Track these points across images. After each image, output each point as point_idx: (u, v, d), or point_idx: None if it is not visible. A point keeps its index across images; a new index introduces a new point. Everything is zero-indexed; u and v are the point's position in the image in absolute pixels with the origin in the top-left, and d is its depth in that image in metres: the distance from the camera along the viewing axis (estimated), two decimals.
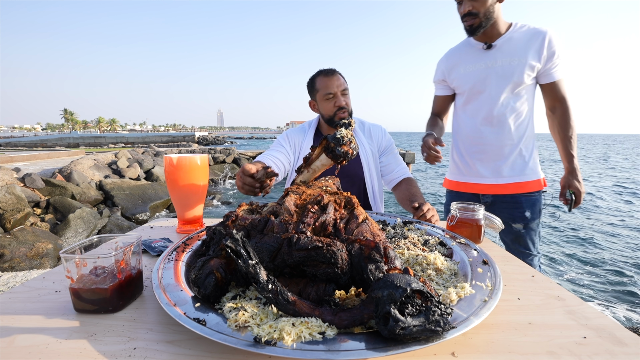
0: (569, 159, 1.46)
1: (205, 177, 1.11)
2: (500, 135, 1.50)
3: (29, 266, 4.62)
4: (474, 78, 1.52)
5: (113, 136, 45.96)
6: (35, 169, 9.15)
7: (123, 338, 0.50)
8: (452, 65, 1.59)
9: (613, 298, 4.03)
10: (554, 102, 1.48)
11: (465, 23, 1.44)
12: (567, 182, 1.47)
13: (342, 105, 1.48)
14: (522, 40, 1.43)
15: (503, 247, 1.47)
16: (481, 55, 1.50)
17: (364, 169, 1.56)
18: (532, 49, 1.41)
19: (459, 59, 1.57)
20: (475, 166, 1.58)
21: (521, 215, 1.51)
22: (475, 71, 1.51)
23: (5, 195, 5.80)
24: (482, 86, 1.50)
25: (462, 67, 1.55)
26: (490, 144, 1.52)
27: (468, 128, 1.58)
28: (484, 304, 0.53)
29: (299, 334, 0.45)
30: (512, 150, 1.50)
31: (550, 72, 1.43)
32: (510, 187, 1.52)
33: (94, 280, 0.57)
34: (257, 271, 0.49)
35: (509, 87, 1.45)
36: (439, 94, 1.72)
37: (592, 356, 0.46)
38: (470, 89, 1.54)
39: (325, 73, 1.51)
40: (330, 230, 0.64)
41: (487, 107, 1.50)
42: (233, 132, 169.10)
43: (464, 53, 1.56)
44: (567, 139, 1.46)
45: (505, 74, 1.45)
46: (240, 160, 16.26)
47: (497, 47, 1.46)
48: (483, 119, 1.52)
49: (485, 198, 1.59)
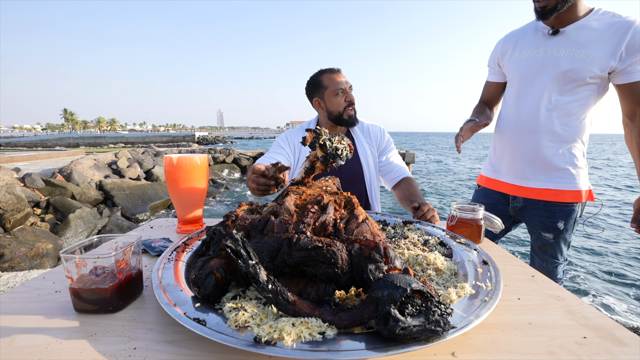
0: None
1: (205, 177, 1.11)
2: (541, 135, 1.32)
3: (29, 266, 4.62)
4: (527, 65, 1.33)
5: (113, 136, 45.98)
6: (35, 169, 9.16)
7: (123, 338, 0.50)
8: (508, 48, 1.41)
9: (613, 298, 4.03)
10: (634, 108, 1.23)
11: (537, 3, 1.24)
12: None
13: (352, 99, 1.52)
14: (599, 31, 1.20)
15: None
16: (544, 40, 1.29)
17: (363, 169, 1.56)
18: (607, 43, 1.18)
19: (518, 42, 1.38)
20: (508, 164, 1.43)
21: (553, 225, 1.36)
22: (531, 58, 1.32)
23: (5, 195, 5.80)
24: (534, 76, 1.31)
25: (518, 52, 1.37)
26: (529, 142, 1.35)
27: (509, 121, 1.41)
28: (484, 304, 0.53)
29: (299, 334, 0.45)
30: (553, 153, 1.32)
31: (632, 70, 1.18)
32: (543, 193, 1.36)
33: (94, 280, 0.57)
34: (257, 271, 0.49)
35: (566, 82, 1.25)
36: (491, 79, 1.55)
37: (592, 356, 0.46)
38: (520, 77, 1.36)
39: (332, 71, 1.54)
40: (330, 230, 0.64)
41: (534, 100, 1.32)
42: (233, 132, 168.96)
43: (524, 36, 1.37)
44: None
45: (564, 66, 1.24)
46: (240, 160, 16.26)
47: (564, 35, 1.24)
48: (527, 113, 1.34)
49: (515, 202, 1.44)
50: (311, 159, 0.91)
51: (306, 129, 0.88)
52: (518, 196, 1.43)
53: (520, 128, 1.37)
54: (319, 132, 0.87)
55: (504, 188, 1.47)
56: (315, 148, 0.87)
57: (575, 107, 1.28)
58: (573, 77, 1.24)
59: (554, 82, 1.27)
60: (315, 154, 0.89)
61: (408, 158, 14.88)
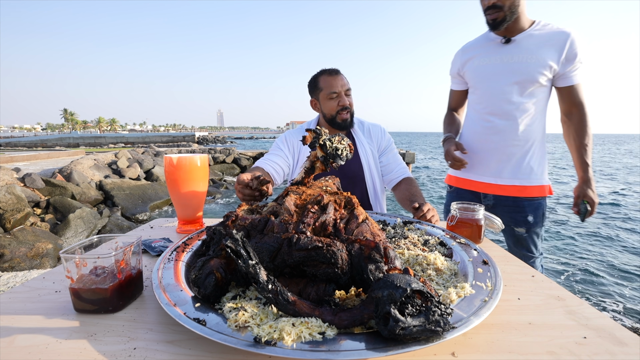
0: (584, 168, 1.40)
1: (205, 177, 1.11)
2: (507, 135, 1.45)
3: (29, 266, 4.62)
4: (487, 72, 1.47)
5: (113, 136, 45.98)
6: (35, 169, 9.16)
7: (123, 338, 0.50)
8: (468, 59, 1.55)
9: (613, 298, 4.03)
10: (571, 107, 1.42)
11: (488, 16, 1.39)
12: (582, 192, 1.40)
13: (345, 104, 1.49)
14: (542, 38, 1.37)
15: (503, 247, 1.48)
16: (498, 49, 1.44)
17: (364, 169, 1.56)
18: (551, 49, 1.36)
19: (475, 52, 1.52)
20: (478, 163, 1.54)
21: (524, 220, 1.47)
22: (489, 65, 1.46)
23: (5, 195, 5.80)
24: (494, 81, 1.45)
25: (477, 60, 1.50)
26: (496, 142, 1.47)
27: (475, 124, 1.54)
28: (484, 304, 0.53)
29: (299, 334, 0.45)
30: (518, 151, 1.45)
31: (569, 75, 1.38)
32: (512, 190, 1.48)
33: (94, 280, 0.57)
34: (257, 271, 0.49)
35: (522, 85, 1.40)
36: (454, 88, 1.69)
37: (592, 356, 0.46)
38: (481, 83, 1.50)
39: (329, 72, 1.52)
40: (330, 230, 0.64)
41: (496, 103, 1.45)
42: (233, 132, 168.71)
43: (480, 46, 1.51)
44: (583, 147, 1.40)
45: (519, 71, 1.39)
46: (240, 160, 16.25)
47: (515, 43, 1.40)
48: (491, 115, 1.47)
49: (487, 200, 1.54)
50: (311, 159, 0.91)
51: (306, 129, 0.88)
52: (489, 194, 1.53)
53: (487, 130, 1.49)
54: (319, 132, 0.87)
55: (475, 186, 1.57)
56: (315, 148, 0.87)
57: (534, 108, 1.43)
58: (528, 79, 1.39)
59: (513, 85, 1.42)
60: (315, 154, 0.89)
61: (408, 158, 14.87)
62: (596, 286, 4.36)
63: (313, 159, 0.90)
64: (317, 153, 0.88)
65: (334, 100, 1.49)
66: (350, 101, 1.52)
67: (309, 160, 0.91)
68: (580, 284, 4.43)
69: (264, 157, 1.55)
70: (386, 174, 1.60)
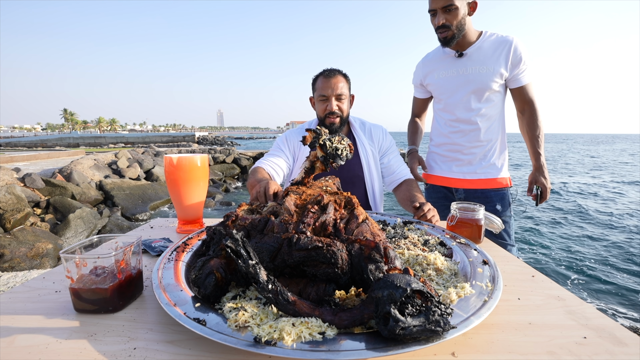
0: (537, 157, 1.57)
1: (205, 177, 1.11)
2: (470, 138, 1.63)
3: (29, 266, 4.62)
4: (446, 84, 1.64)
5: (113, 136, 45.98)
6: (35, 169, 9.16)
7: (123, 338, 0.50)
8: (428, 72, 1.72)
9: (613, 298, 4.03)
10: (523, 105, 1.59)
11: (439, 34, 1.54)
12: (535, 178, 1.57)
13: (331, 110, 1.46)
14: (490, 49, 1.54)
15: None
16: (453, 62, 1.61)
17: (364, 169, 1.56)
18: (499, 58, 1.52)
19: (434, 65, 1.69)
20: (448, 162, 1.73)
21: (493, 209, 1.63)
22: (448, 77, 1.63)
23: (5, 195, 5.80)
24: (454, 92, 1.62)
25: (437, 74, 1.67)
26: (461, 144, 1.65)
27: (442, 129, 1.72)
28: (484, 304, 0.53)
29: (299, 334, 0.45)
30: (481, 151, 1.63)
31: (518, 77, 1.54)
32: (479, 183, 1.66)
33: (94, 280, 0.57)
34: (257, 271, 0.49)
35: (479, 93, 1.57)
36: (418, 96, 1.88)
37: (592, 356, 0.46)
38: (444, 94, 1.67)
39: (326, 74, 1.49)
40: (330, 230, 0.64)
41: (458, 111, 1.63)
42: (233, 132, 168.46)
43: (438, 60, 1.68)
44: (535, 138, 1.57)
45: (474, 80, 1.56)
46: (240, 160, 16.24)
47: (467, 56, 1.57)
48: (455, 122, 1.65)
49: (459, 194, 1.72)
50: (311, 159, 0.90)
51: (306, 129, 0.88)
52: (459, 188, 1.71)
53: (454, 134, 1.67)
54: (319, 132, 0.86)
55: (447, 182, 1.75)
56: (315, 148, 0.87)
57: (492, 111, 1.60)
58: (483, 87, 1.56)
59: (471, 94, 1.59)
60: (315, 154, 0.89)
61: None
62: (596, 286, 4.36)
63: (313, 159, 0.90)
64: (317, 153, 0.88)
65: (323, 104, 1.49)
66: (341, 106, 1.48)
67: (308, 160, 0.91)
68: (581, 284, 4.44)
69: (265, 157, 1.55)
70: (387, 175, 1.60)
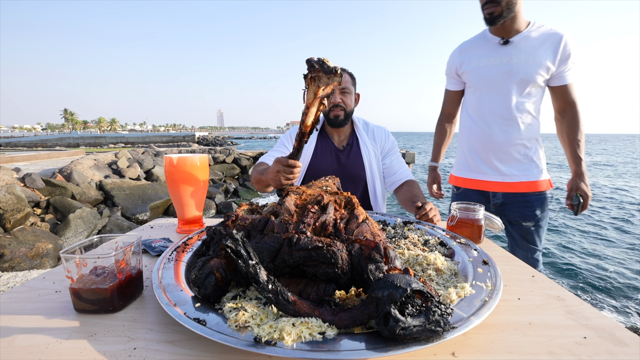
0: (577, 162, 1.46)
1: (205, 177, 1.11)
2: (510, 134, 1.48)
3: (29, 266, 4.62)
4: (487, 73, 1.49)
5: (113, 136, 45.97)
6: (35, 169, 9.15)
7: (123, 338, 0.50)
8: (465, 59, 1.56)
9: (613, 298, 4.03)
10: (564, 106, 1.48)
11: (485, 11, 1.41)
12: (575, 185, 1.45)
13: (335, 102, 1.49)
14: (538, 40, 1.41)
15: (503, 245, 1.50)
16: (496, 50, 1.47)
17: (365, 169, 1.56)
18: (548, 51, 1.40)
19: (473, 52, 1.54)
20: (484, 163, 1.56)
21: (532, 214, 1.51)
22: (489, 66, 1.48)
23: (5, 195, 5.80)
24: (495, 82, 1.48)
25: (476, 61, 1.52)
26: (500, 141, 1.50)
27: (477, 124, 1.56)
28: (484, 304, 0.53)
29: (299, 334, 0.45)
30: (521, 149, 1.49)
31: (563, 74, 1.43)
32: (520, 186, 1.51)
33: (94, 280, 0.57)
34: (257, 271, 0.49)
35: (521, 85, 1.44)
36: (450, 88, 1.70)
37: (592, 356, 0.46)
38: (482, 84, 1.52)
39: None
40: (331, 231, 0.64)
41: (498, 104, 1.48)
42: (233, 132, 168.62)
43: (478, 47, 1.53)
44: (576, 142, 1.46)
45: (519, 71, 1.43)
46: (240, 160, 16.23)
47: (513, 44, 1.43)
48: (493, 115, 1.50)
49: (496, 199, 1.57)
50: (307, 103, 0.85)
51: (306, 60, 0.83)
52: (498, 192, 1.56)
53: (492, 130, 1.51)
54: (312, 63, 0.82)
55: (484, 186, 1.59)
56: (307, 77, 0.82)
57: (532, 107, 1.48)
58: (528, 80, 1.43)
59: (513, 86, 1.45)
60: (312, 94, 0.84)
61: (408, 158, 14.86)
62: (596, 286, 4.36)
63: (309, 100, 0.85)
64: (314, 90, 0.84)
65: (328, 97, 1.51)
66: (345, 100, 1.50)
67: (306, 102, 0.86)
68: (581, 284, 4.43)
69: (268, 153, 1.57)
70: (389, 176, 1.60)
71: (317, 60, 0.80)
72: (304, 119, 0.87)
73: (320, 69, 0.80)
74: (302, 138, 0.91)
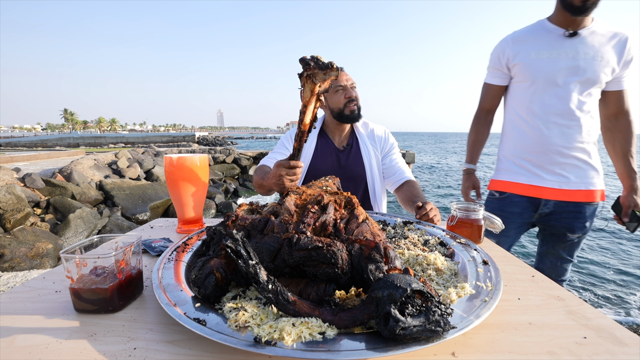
0: (632, 176, 1.35)
1: (205, 177, 1.11)
2: (570, 137, 1.33)
3: (29, 266, 4.62)
4: (546, 67, 1.32)
5: (113, 136, 46.01)
6: (35, 169, 9.15)
7: (123, 338, 0.50)
8: (521, 50, 1.37)
9: (613, 298, 4.03)
10: (618, 113, 1.36)
11: None
12: (633, 202, 1.35)
13: (352, 96, 1.51)
14: (605, 37, 1.28)
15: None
16: (560, 42, 1.30)
17: (365, 169, 1.56)
18: (613, 51, 1.28)
19: (531, 42, 1.36)
20: (539, 167, 1.39)
21: (581, 226, 1.38)
22: (550, 59, 1.31)
23: (5, 195, 5.80)
24: (555, 78, 1.31)
25: (534, 52, 1.34)
26: (558, 144, 1.34)
27: (530, 124, 1.38)
28: (484, 304, 0.53)
29: (299, 334, 0.45)
30: (582, 153, 1.34)
31: (621, 79, 1.33)
32: (578, 195, 1.36)
33: (94, 280, 0.57)
34: (257, 271, 0.49)
35: (586, 84, 1.30)
36: (495, 82, 1.50)
37: (592, 356, 0.46)
38: (539, 78, 1.34)
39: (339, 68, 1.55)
40: (331, 231, 0.64)
41: (557, 102, 1.32)
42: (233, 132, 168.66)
43: (537, 37, 1.35)
44: (630, 154, 1.35)
45: (586, 69, 1.28)
46: (240, 160, 16.23)
47: (580, 38, 1.28)
48: (552, 115, 1.34)
49: (546, 207, 1.40)
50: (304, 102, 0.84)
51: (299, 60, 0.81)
52: (550, 200, 1.38)
53: (550, 131, 1.34)
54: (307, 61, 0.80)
55: (535, 192, 1.40)
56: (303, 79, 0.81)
57: (592, 108, 1.34)
58: (594, 79, 1.29)
59: (577, 84, 1.30)
60: (309, 93, 0.83)
61: (408, 158, 14.86)
62: (596, 286, 4.36)
63: (306, 99, 0.84)
64: (310, 88, 0.82)
65: (341, 94, 1.51)
66: (356, 94, 1.53)
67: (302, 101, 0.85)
68: (581, 284, 4.43)
69: (269, 155, 1.57)
70: (389, 176, 1.60)
71: (311, 58, 0.80)
72: (302, 118, 0.87)
73: (315, 65, 0.79)
74: (302, 137, 0.91)
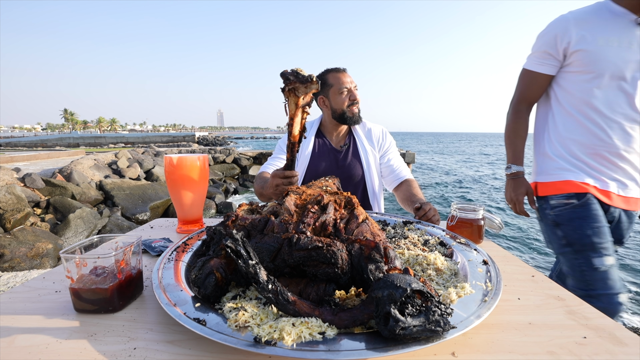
0: None
1: (205, 177, 1.11)
2: (632, 140, 1.21)
3: (29, 266, 4.62)
4: (616, 57, 1.16)
5: (113, 136, 46.04)
6: (35, 169, 9.15)
7: (123, 338, 0.50)
8: (587, 34, 1.18)
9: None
10: None
11: None
12: None
13: (356, 98, 1.54)
14: None
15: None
16: (627, 30, 1.15)
17: (364, 169, 1.56)
18: None
19: (597, 26, 1.18)
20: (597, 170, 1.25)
21: (627, 236, 1.29)
22: (620, 49, 1.15)
23: (6, 195, 5.80)
24: (622, 71, 1.16)
25: (603, 39, 1.16)
26: (618, 147, 1.21)
27: (593, 122, 1.23)
28: (484, 304, 0.53)
29: (299, 334, 0.45)
30: (638, 160, 1.23)
31: None
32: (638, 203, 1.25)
33: (94, 280, 0.57)
34: (257, 271, 0.49)
35: None
36: (542, 70, 1.28)
37: (592, 356, 0.46)
38: (605, 70, 1.18)
39: (338, 70, 1.56)
40: (330, 230, 0.64)
41: (622, 99, 1.18)
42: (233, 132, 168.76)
43: (603, 20, 1.18)
44: None
45: None
46: (240, 160, 16.23)
47: None
48: (614, 113, 1.20)
49: (611, 215, 1.26)
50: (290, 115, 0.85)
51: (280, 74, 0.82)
52: (617, 208, 1.25)
53: (613, 131, 1.21)
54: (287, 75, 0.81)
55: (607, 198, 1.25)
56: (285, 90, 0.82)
57: None
58: None
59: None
60: (294, 106, 0.84)
61: (408, 158, 14.87)
62: None
63: (292, 112, 0.85)
64: (294, 101, 0.83)
65: (345, 95, 1.53)
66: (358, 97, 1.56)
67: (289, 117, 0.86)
68: None
69: (268, 161, 1.59)
70: (387, 175, 1.60)
71: (291, 72, 0.81)
72: (290, 130, 0.89)
73: (295, 79, 0.80)
74: (293, 148, 0.93)
